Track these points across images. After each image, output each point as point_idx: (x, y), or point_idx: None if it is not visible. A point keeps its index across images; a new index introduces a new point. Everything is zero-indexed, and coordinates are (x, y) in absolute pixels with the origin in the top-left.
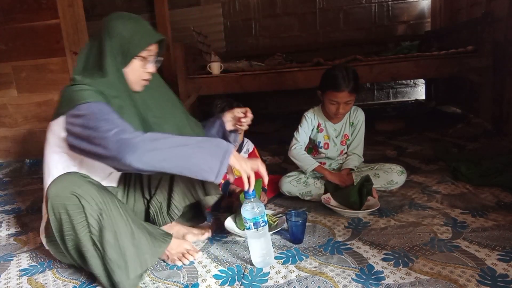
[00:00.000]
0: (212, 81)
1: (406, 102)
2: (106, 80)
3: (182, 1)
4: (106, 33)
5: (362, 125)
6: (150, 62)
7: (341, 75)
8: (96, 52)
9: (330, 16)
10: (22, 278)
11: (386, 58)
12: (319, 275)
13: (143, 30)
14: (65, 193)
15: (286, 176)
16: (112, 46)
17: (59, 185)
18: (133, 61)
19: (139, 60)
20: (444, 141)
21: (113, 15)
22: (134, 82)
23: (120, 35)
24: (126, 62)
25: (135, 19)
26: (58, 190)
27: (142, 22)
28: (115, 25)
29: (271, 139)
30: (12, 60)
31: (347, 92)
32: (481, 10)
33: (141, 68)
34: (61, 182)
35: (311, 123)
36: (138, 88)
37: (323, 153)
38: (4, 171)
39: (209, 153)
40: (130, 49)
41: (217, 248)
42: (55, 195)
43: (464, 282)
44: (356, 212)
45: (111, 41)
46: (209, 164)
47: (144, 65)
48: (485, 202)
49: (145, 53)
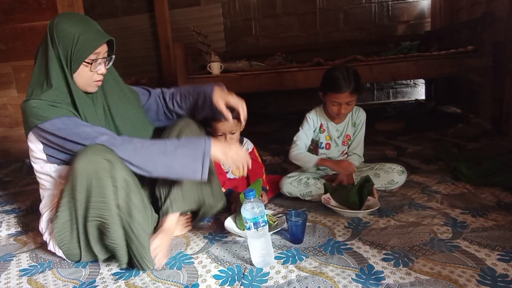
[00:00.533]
0: (212, 81)
1: (406, 102)
2: (53, 90)
3: (182, 1)
4: (51, 39)
5: (363, 126)
6: (100, 64)
7: (342, 76)
8: (43, 60)
9: (330, 16)
10: (22, 278)
11: (386, 58)
12: (319, 275)
13: (89, 33)
14: (97, 158)
15: (287, 177)
16: (59, 52)
17: (89, 153)
18: (81, 67)
19: (86, 64)
20: (444, 141)
21: (58, 18)
22: (86, 85)
23: (65, 41)
24: (74, 69)
25: (80, 21)
26: (89, 157)
27: (89, 22)
28: (60, 30)
29: (271, 139)
30: (12, 60)
31: (348, 93)
32: (481, 10)
33: (90, 72)
34: (91, 150)
35: (313, 124)
36: (91, 89)
37: (324, 153)
38: (4, 171)
39: (189, 157)
40: (76, 54)
41: (217, 248)
42: (87, 161)
43: (464, 282)
44: (356, 212)
45: (56, 47)
46: (192, 167)
47: (94, 68)
48: (485, 202)
49: (93, 56)
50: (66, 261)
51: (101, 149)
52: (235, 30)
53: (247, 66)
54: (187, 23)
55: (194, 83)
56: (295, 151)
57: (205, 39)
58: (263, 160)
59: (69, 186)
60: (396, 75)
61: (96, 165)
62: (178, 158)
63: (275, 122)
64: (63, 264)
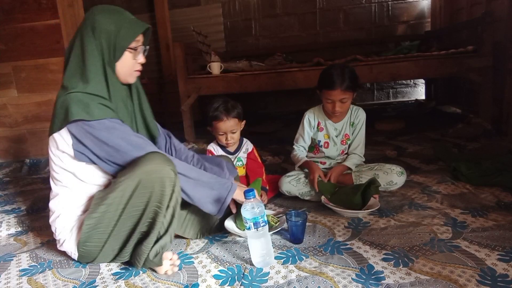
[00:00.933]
0: (212, 81)
1: (406, 102)
2: (93, 85)
3: (182, 1)
4: (92, 30)
5: (362, 125)
6: (140, 53)
7: (335, 73)
8: (79, 53)
9: (330, 16)
10: (22, 278)
11: (386, 58)
12: (319, 275)
13: (128, 21)
14: (165, 167)
15: (286, 176)
16: (99, 43)
17: (156, 162)
18: (124, 54)
19: (129, 52)
20: (444, 141)
21: (95, 10)
22: (127, 74)
23: (106, 30)
24: (118, 57)
25: (117, 11)
26: (157, 166)
27: (125, 13)
28: (99, 20)
29: (271, 139)
30: (12, 60)
31: (339, 90)
32: (481, 10)
33: (132, 60)
34: (158, 159)
35: (311, 123)
36: (132, 80)
37: (323, 152)
38: (4, 171)
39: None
40: (119, 42)
41: (217, 248)
42: (154, 170)
43: (464, 282)
44: (356, 212)
45: (96, 38)
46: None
47: (135, 56)
48: (485, 202)
49: (134, 44)
50: (66, 261)
51: (166, 159)
52: (235, 30)
53: (247, 66)
54: (187, 23)
55: (194, 83)
56: (292, 152)
57: (205, 39)
58: (263, 160)
59: (120, 190)
60: (396, 75)
61: (162, 173)
62: (208, 188)
63: (275, 122)
64: (63, 264)
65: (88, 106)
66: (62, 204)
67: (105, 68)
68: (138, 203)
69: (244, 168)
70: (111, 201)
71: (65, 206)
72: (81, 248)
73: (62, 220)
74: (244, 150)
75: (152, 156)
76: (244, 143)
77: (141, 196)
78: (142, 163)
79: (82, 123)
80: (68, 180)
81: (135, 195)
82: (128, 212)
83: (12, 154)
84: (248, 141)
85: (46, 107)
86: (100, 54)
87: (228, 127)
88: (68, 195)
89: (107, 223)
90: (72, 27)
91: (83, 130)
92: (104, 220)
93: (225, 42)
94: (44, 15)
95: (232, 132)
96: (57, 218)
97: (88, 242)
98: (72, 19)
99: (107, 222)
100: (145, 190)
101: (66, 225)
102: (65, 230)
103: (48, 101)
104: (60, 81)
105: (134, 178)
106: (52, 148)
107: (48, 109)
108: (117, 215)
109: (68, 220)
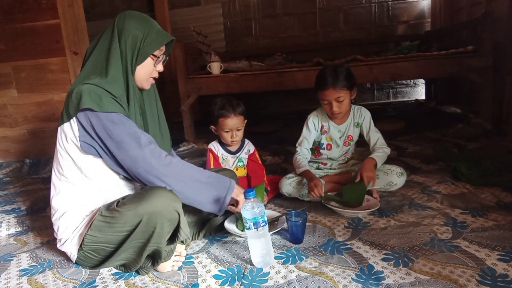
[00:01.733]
0: (212, 81)
1: (406, 102)
2: (110, 81)
3: (182, 1)
4: (119, 32)
5: (370, 122)
6: (160, 62)
7: (328, 73)
8: (104, 52)
9: (330, 16)
10: (22, 278)
11: (386, 58)
12: (319, 275)
13: (156, 30)
14: (170, 209)
15: (286, 177)
16: (124, 45)
17: (163, 201)
18: (147, 59)
19: (152, 58)
20: (444, 141)
21: (125, 14)
22: (144, 79)
23: (134, 35)
24: (140, 61)
25: (147, 18)
26: (162, 207)
27: (154, 22)
28: (128, 24)
29: (271, 139)
30: (12, 60)
31: (332, 89)
32: (481, 10)
33: (152, 66)
34: (163, 198)
35: (315, 127)
36: (147, 86)
37: (325, 154)
38: (4, 171)
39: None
40: (144, 48)
41: (217, 248)
42: (157, 212)
43: (464, 282)
44: (356, 212)
45: (123, 40)
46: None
47: (156, 64)
48: (485, 202)
49: (157, 52)
50: (66, 261)
51: (171, 197)
52: (235, 30)
53: (247, 66)
54: (187, 23)
55: (194, 83)
56: (295, 156)
57: (205, 39)
58: (263, 160)
59: (122, 222)
60: (396, 75)
61: (165, 215)
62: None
63: (275, 122)
64: (63, 264)
65: (100, 98)
66: (66, 202)
67: (126, 69)
68: (139, 236)
69: (245, 169)
70: (112, 226)
71: (69, 204)
72: (81, 253)
73: (67, 218)
74: (245, 151)
75: (157, 193)
76: (246, 144)
77: (142, 232)
78: (147, 200)
79: (91, 113)
80: (74, 176)
81: (137, 230)
82: (129, 241)
83: (12, 154)
84: (250, 143)
85: (46, 107)
86: (124, 55)
87: (234, 124)
88: (72, 193)
89: (108, 243)
90: (72, 27)
91: (90, 120)
92: (105, 239)
93: (225, 42)
94: (44, 15)
95: (237, 130)
96: (61, 216)
97: (88, 252)
98: (72, 19)
99: (108, 242)
100: (147, 229)
101: (70, 224)
102: (68, 230)
103: (48, 101)
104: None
105: (137, 215)
106: (60, 141)
107: (48, 109)
108: (117, 241)
109: (72, 219)
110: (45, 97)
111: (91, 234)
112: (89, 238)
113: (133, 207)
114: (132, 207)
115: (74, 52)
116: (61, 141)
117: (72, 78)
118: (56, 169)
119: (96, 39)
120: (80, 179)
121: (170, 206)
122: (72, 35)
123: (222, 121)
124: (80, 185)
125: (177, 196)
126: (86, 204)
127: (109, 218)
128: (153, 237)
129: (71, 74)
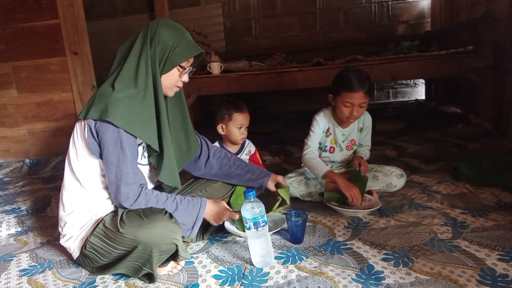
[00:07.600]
0: (212, 81)
1: (406, 102)
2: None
3: (182, 1)
4: (151, 41)
5: (370, 128)
6: (186, 73)
7: (356, 76)
8: (134, 58)
9: (330, 16)
10: (22, 278)
11: (386, 58)
12: (319, 275)
13: (186, 41)
14: (167, 241)
15: (286, 177)
16: (153, 53)
17: (162, 232)
18: (173, 69)
19: (178, 69)
20: (444, 141)
21: (160, 23)
22: (168, 88)
23: (164, 43)
24: (167, 70)
25: (179, 29)
26: (159, 239)
27: (186, 32)
28: (160, 32)
29: (271, 139)
30: (12, 60)
31: (362, 93)
32: (481, 10)
33: (177, 77)
34: (163, 229)
35: (322, 127)
36: (170, 93)
37: (327, 156)
38: (4, 171)
39: (186, 214)
40: (172, 57)
41: (217, 248)
42: (155, 242)
43: (464, 282)
44: (356, 211)
45: (152, 47)
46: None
47: (181, 74)
48: (485, 202)
49: (185, 63)
50: (66, 261)
51: (173, 230)
52: (235, 30)
53: (247, 66)
54: (187, 23)
55: (194, 83)
56: (308, 154)
57: (205, 39)
58: (263, 160)
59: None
60: (396, 75)
61: (163, 247)
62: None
63: (275, 122)
64: (63, 264)
65: (125, 116)
66: (77, 200)
67: (155, 77)
68: (133, 259)
69: None
70: (109, 241)
71: (80, 202)
72: (81, 254)
73: (76, 216)
74: (246, 152)
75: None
76: (246, 145)
77: (136, 257)
78: (147, 226)
79: (107, 124)
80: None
81: (131, 255)
82: (123, 261)
83: (12, 154)
84: (251, 143)
85: (46, 107)
86: (152, 63)
87: (247, 120)
88: (82, 190)
89: (103, 255)
90: (72, 27)
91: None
92: (101, 250)
93: (225, 42)
94: (44, 15)
95: (246, 126)
96: (71, 213)
97: (87, 256)
98: (72, 19)
99: (102, 255)
100: (142, 255)
101: (78, 222)
102: (75, 227)
103: (48, 101)
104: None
105: (134, 241)
106: (75, 134)
107: (48, 109)
108: (112, 257)
109: (81, 217)
110: (45, 97)
111: (92, 240)
112: (89, 243)
113: (132, 231)
114: (130, 231)
115: (74, 52)
116: (75, 134)
117: (72, 78)
118: (69, 163)
119: (130, 42)
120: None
121: (168, 238)
122: (72, 35)
123: (237, 116)
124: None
125: (177, 225)
126: (99, 203)
127: (109, 231)
128: (148, 263)
129: (71, 74)
